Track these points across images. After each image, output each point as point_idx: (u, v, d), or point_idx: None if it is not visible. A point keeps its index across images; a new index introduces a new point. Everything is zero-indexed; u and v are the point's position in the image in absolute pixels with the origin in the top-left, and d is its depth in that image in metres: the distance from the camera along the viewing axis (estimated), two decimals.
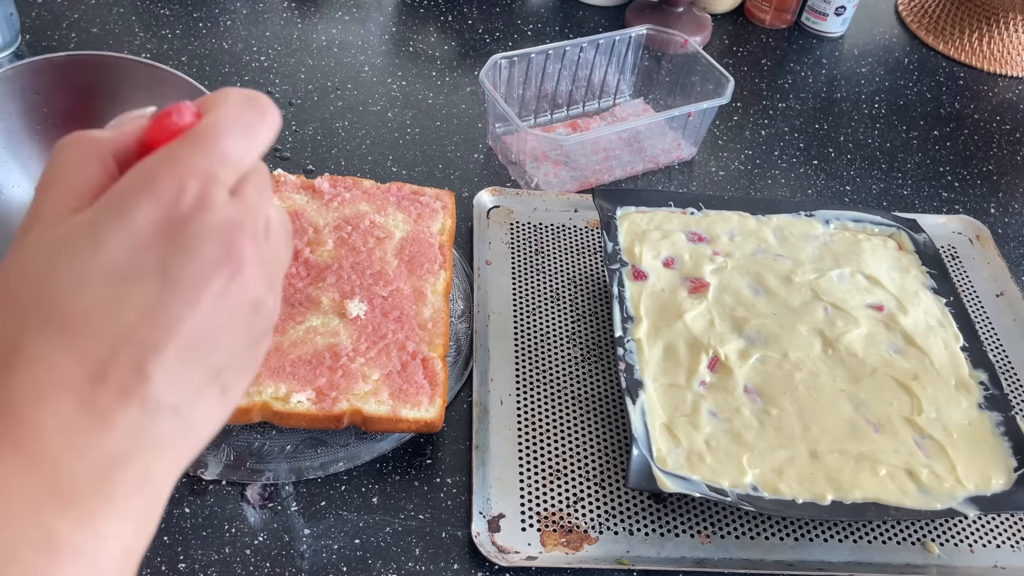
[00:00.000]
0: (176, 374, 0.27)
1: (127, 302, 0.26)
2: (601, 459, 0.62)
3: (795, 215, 0.74)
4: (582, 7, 1.06)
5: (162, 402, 0.27)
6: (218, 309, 0.28)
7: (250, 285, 0.28)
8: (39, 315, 0.26)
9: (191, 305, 0.27)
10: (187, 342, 0.27)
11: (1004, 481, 0.59)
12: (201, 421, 0.28)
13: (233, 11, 0.97)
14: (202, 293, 0.27)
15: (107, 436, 0.26)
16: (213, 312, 0.27)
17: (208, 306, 0.27)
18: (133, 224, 0.27)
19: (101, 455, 0.26)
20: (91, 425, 0.26)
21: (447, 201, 0.72)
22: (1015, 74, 1.07)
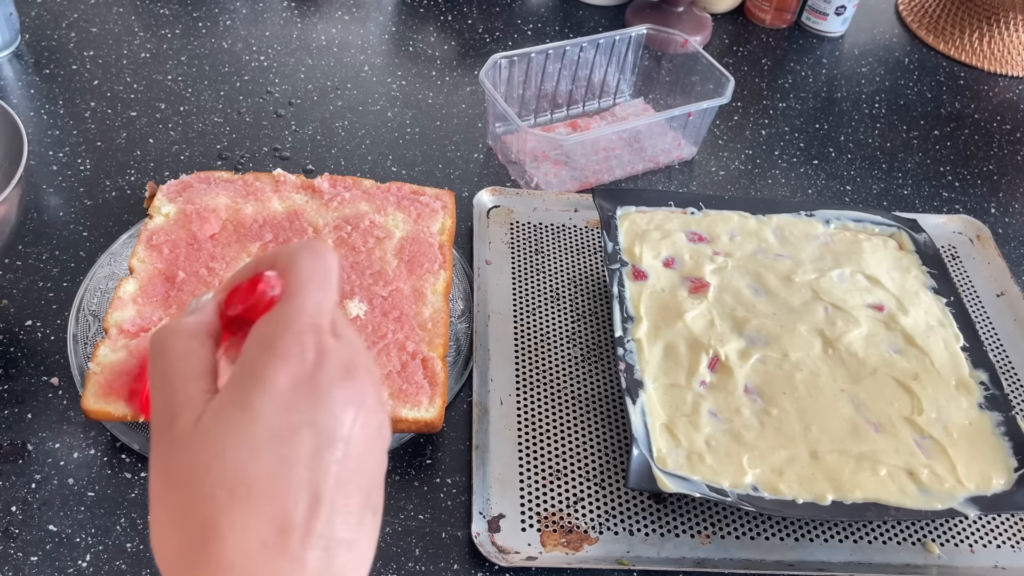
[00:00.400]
0: (343, 508, 0.31)
1: (294, 456, 0.30)
2: (601, 459, 0.62)
3: (795, 215, 0.74)
4: (582, 7, 1.06)
5: (338, 537, 0.31)
6: (359, 441, 0.32)
7: (374, 412, 0.33)
8: (224, 492, 0.30)
9: (341, 445, 0.31)
10: (344, 477, 0.31)
11: (1004, 481, 0.59)
12: (367, 544, 0.32)
13: (233, 11, 0.97)
14: (346, 432, 0.31)
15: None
16: (356, 443, 0.32)
17: (352, 441, 0.32)
18: (274, 388, 0.31)
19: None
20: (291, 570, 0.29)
21: (447, 201, 0.72)
22: (1015, 74, 1.07)
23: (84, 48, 0.89)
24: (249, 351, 0.32)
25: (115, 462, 0.58)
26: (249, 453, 0.30)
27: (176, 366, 0.33)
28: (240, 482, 0.30)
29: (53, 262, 0.69)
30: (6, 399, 0.60)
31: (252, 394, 0.31)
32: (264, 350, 0.32)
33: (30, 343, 0.64)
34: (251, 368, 0.31)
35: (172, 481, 0.31)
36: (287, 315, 0.33)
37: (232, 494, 0.30)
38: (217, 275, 0.63)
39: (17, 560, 0.53)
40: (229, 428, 0.30)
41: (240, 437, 0.30)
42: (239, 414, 0.31)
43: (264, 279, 0.35)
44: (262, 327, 0.33)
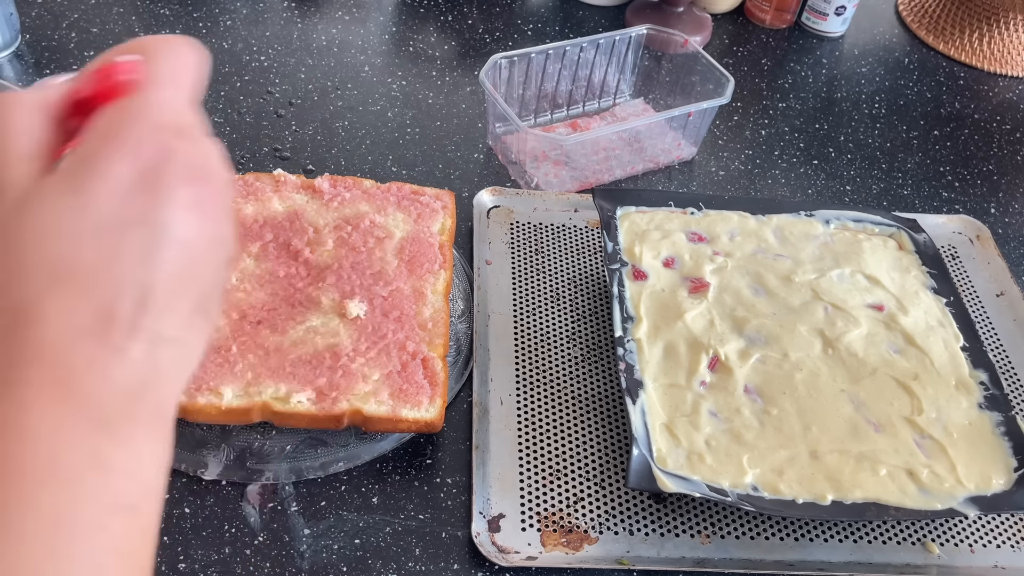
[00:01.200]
0: (172, 307, 0.30)
1: (124, 248, 0.29)
2: (601, 459, 0.62)
3: (795, 215, 0.74)
4: (582, 7, 1.06)
5: (165, 334, 0.30)
6: (197, 244, 0.31)
7: (215, 217, 0.32)
8: (45, 274, 0.28)
9: (176, 244, 0.30)
10: (177, 277, 0.30)
11: (1004, 481, 0.59)
12: (195, 346, 0.32)
13: (233, 11, 0.97)
14: (182, 233, 0.30)
15: (125, 368, 0.29)
16: (193, 247, 0.31)
17: (189, 243, 0.30)
18: (113, 179, 0.29)
19: (125, 385, 0.29)
20: (111, 360, 0.29)
21: (447, 201, 0.72)
22: (1015, 74, 1.07)
23: (84, 48, 0.89)
24: (89, 139, 0.30)
25: None
26: (76, 240, 0.29)
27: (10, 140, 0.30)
28: (63, 267, 0.28)
29: None
30: None
31: (86, 180, 0.29)
32: (106, 138, 0.30)
33: None
34: (89, 154, 0.29)
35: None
36: (137, 106, 0.31)
37: (54, 278, 0.28)
38: None
39: None
40: (57, 211, 0.29)
41: (68, 222, 0.29)
42: (69, 199, 0.29)
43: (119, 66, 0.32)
44: (108, 115, 0.31)
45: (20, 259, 0.29)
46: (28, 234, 0.29)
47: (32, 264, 0.28)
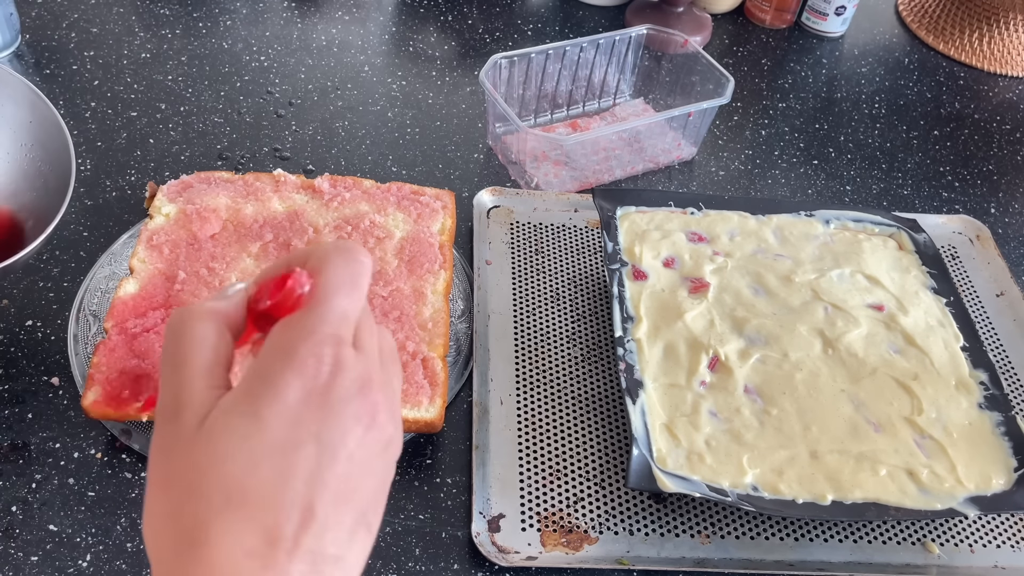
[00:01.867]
0: (335, 524, 0.31)
1: (293, 471, 0.30)
2: (601, 459, 0.62)
3: (795, 215, 0.74)
4: (582, 7, 1.06)
5: (326, 553, 0.31)
6: (361, 459, 0.32)
7: (383, 429, 0.33)
8: (220, 497, 0.30)
9: (341, 461, 0.31)
10: (341, 494, 0.31)
11: (1004, 481, 0.59)
12: (356, 561, 0.32)
13: (233, 11, 0.97)
14: (349, 449, 0.31)
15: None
16: (359, 460, 0.32)
17: (354, 459, 0.31)
18: (285, 400, 0.31)
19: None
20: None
21: (447, 201, 0.72)
22: (1015, 74, 1.07)
23: (84, 48, 0.89)
24: (266, 355, 0.32)
25: (115, 462, 0.58)
26: (251, 463, 0.30)
27: (190, 354, 0.33)
28: (236, 490, 0.30)
29: (53, 262, 0.69)
30: (6, 399, 0.61)
31: (262, 403, 0.31)
32: (280, 358, 0.32)
33: (30, 343, 0.64)
34: (265, 375, 0.31)
35: (170, 477, 0.31)
36: (309, 322, 0.32)
37: (227, 501, 0.30)
38: (217, 275, 0.63)
39: (17, 560, 0.53)
40: (234, 435, 0.30)
41: (244, 446, 0.30)
42: (247, 423, 0.31)
43: (294, 276, 0.34)
44: (282, 332, 0.32)
45: (198, 480, 0.30)
46: (208, 456, 0.30)
47: (209, 486, 0.30)
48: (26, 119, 0.59)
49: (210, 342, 0.33)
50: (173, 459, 0.31)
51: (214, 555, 0.29)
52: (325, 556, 0.31)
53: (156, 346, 0.58)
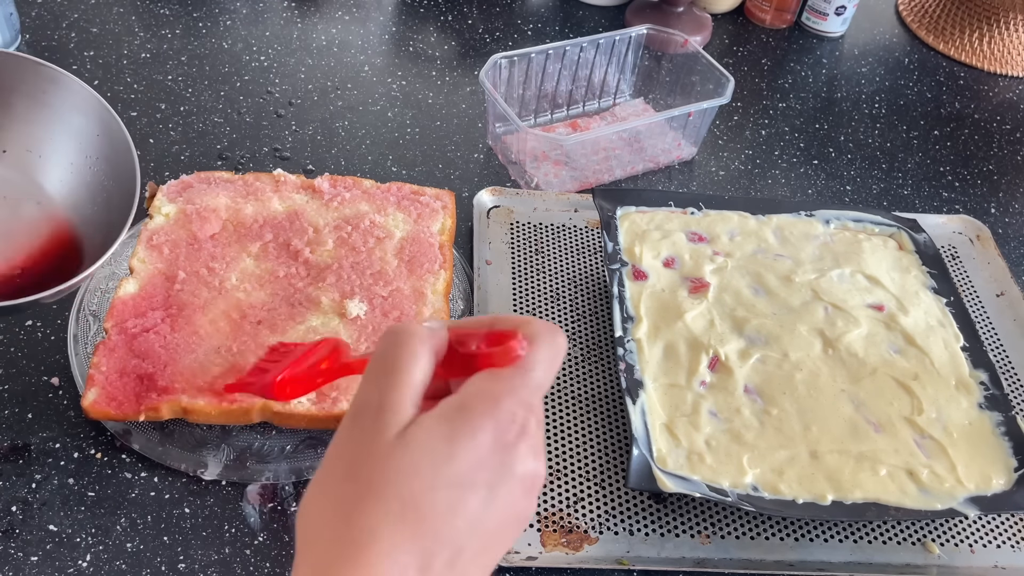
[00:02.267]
0: (473, 567, 0.33)
1: (462, 508, 0.32)
2: (601, 459, 0.62)
3: (795, 215, 0.74)
4: (582, 7, 1.06)
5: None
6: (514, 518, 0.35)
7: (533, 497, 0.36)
8: (397, 507, 0.32)
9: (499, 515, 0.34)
10: (488, 543, 0.34)
11: (1004, 481, 0.59)
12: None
13: (233, 11, 0.97)
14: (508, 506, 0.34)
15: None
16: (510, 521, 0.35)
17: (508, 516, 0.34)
18: (479, 442, 0.33)
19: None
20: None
21: (447, 201, 0.72)
22: (1015, 74, 1.07)
23: (84, 48, 0.89)
24: (471, 396, 0.34)
25: (115, 462, 0.58)
26: (431, 486, 0.32)
27: (406, 366, 0.35)
28: (412, 508, 0.32)
29: None
30: (6, 399, 0.61)
31: (459, 436, 0.33)
32: (485, 402, 0.34)
33: (30, 343, 0.64)
34: (469, 413, 0.34)
35: (355, 473, 0.33)
36: (518, 383, 0.35)
37: (402, 513, 0.32)
38: (217, 275, 0.63)
39: (17, 560, 0.53)
40: (428, 455, 0.32)
41: (433, 470, 0.32)
42: (442, 446, 0.33)
43: (519, 338, 0.37)
44: (491, 381, 0.35)
45: (385, 485, 0.32)
46: (401, 465, 0.32)
47: (390, 494, 0.32)
48: (93, 132, 0.57)
49: (424, 362, 0.35)
50: (362, 460, 0.33)
51: (373, 559, 0.31)
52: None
53: (156, 346, 0.58)
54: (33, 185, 0.56)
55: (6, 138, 0.56)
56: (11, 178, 0.56)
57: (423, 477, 0.32)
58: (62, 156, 0.57)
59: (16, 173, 0.56)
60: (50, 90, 0.56)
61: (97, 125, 0.57)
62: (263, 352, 0.59)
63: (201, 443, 0.58)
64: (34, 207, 0.56)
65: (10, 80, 0.55)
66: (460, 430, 0.33)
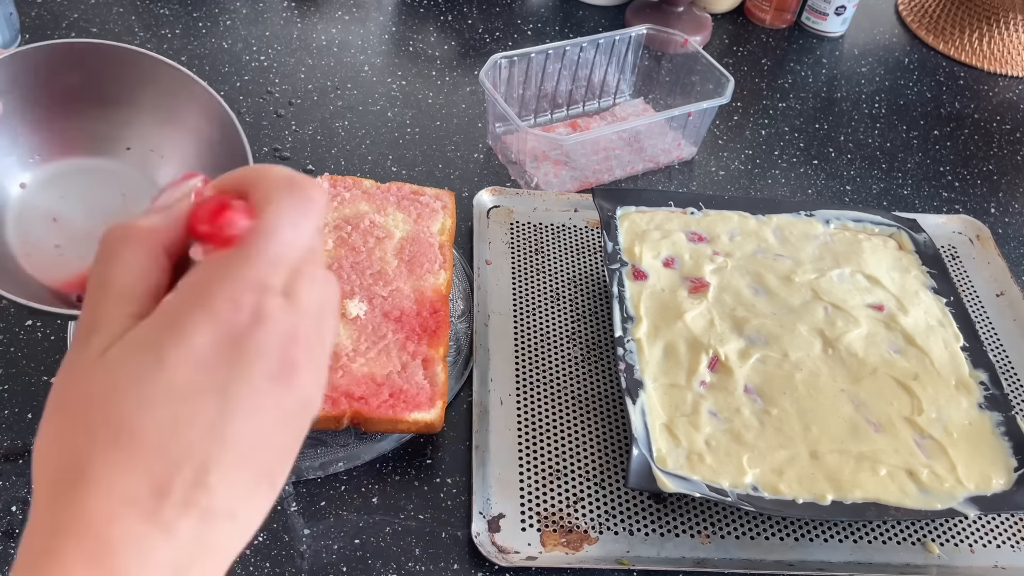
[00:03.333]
0: (233, 481, 0.28)
1: (189, 421, 0.27)
2: (601, 459, 0.62)
3: (795, 215, 0.74)
4: (582, 7, 1.06)
5: (220, 509, 0.28)
6: (273, 417, 0.29)
7: (301, 389, 0.30)
8: (107, 433, 0.27)
9: (247, 418, 0.28)
10: (244, 451, 0.28)
11: (1004, 481, 0.59)
12: (253, 518, 0.30)
13: (233, 11, 0.97)
14: (258, 406, 0.28)
15: (170, 546, 0.27)
16: (268, 421, 0.29)
17: (263, 416, 0.29)
18: (192, 344, 0.28)
19: (166, 563, 0.27)
20: (156, 538, 0.27)
21: (447, 201, 0.72)
22: (1015, 74, 1.07)
23: None
24: (179, 292, 0.29)
25: None
26: (143, 403, 0.27)
27: (115, 278, 0.30)
28: (125, 429, 0.27)
29: None
30: (6, 399, 0.61)
31: (166, 343, 0.28)
32: (192, 298, 0.28)
33: (30, 343, 0.64)
34: (174, 313, 0.28)
35: (64, 402, 0.29)
36: (234, 264, 0.29)
37: (114, 440, 0.27)
38: None
39: None
40: (132, 369, 0.28)
41: (139, 383, 0.27)
42: (146, 358, 0.28)
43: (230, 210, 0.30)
44: (201, 270, 0.29)
45: (87, 410, 0.28)
46: (101, 387, 0.28)
47: (96, 419, 0.27)
48: (215, 138, 0.55)
49: (137, 267, 0.30)
50: (71, 384, 0.29)
51: (90, 501, 0.27)
52: (217, 512, 0.28)
53: None
54: (152, 185, 0.55)
55: (131, 135, 0.55)
56: (131, 176, 0.55)
57: (129, 395, 0.27)
58: (182, 159, 0.56)
59: (137, 171, 0.55)
60: (180, 93, 0.54)
61: (219, 131, 0.55)
62: None
63: None
64: None
65: (141, 78, 0.54)
66: (166, 334, 0.28)
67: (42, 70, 0.51)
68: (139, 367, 0.28)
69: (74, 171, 0.53)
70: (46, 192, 0.52)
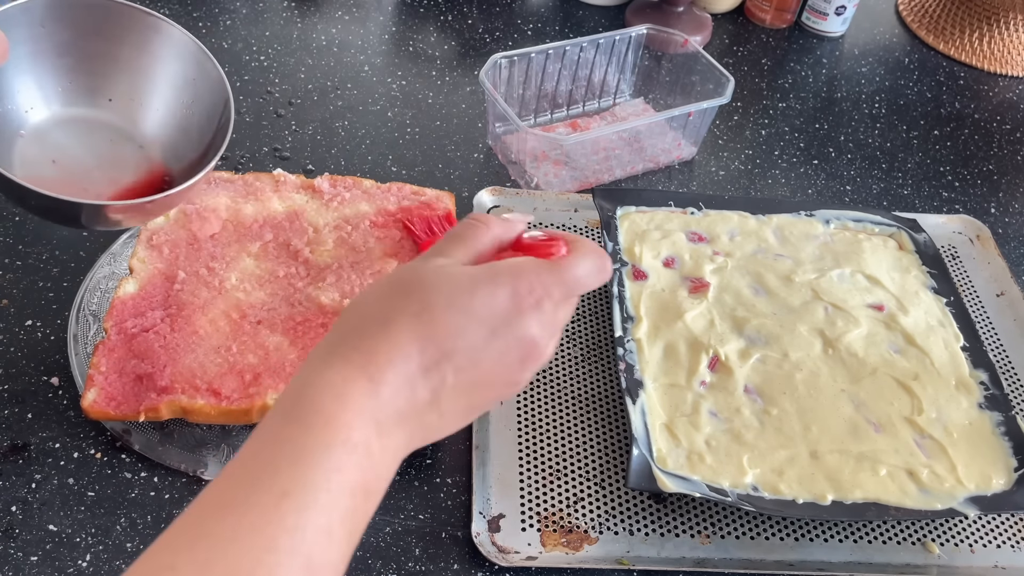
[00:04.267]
0: (462, 392, 0.39)
1: (466, 334, 0.39)
2: (601, 459, 0.62)
3: (795, 215, 0.74)
4: (582, 7, 1.06)
5: (442, 407, 0.39)
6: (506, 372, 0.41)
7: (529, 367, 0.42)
8: (416, 307, 0.39)
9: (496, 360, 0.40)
10: (478, 379, 0.40)
11: (1004, 481, 0.59)
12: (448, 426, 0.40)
13: (233, 11, 0.97)
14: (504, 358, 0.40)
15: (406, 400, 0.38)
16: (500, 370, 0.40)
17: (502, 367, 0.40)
18: (495, 294, 0.40)
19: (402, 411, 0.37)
20: (406, 389, 0.38)
21: (447, 201, 0.72)
22: (1015, 74, 1.07)
23: None
24: (507, 263, 0.41)
25: (115, 462, 0.58)
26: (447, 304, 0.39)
27: (468, 240, 0.43)
28: (427, 311, 0.38)
29: (53, 262, 0.69)
30: (6, 399, 0.60)
31: (481, 284, 0.40)
32: (510, 270, 0.40)
33: (30, 343, 0.64)
34: (495, 273, 0.40)
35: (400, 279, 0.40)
36: (546, 268, 0.41)
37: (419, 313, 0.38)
38: (217, 275, 0.63)
39: (17, 560, 0.53)
40: (453, 286, 0.39)
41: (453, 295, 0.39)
42: (466, 286, 0.39)
43: (559, 244, 0.45)
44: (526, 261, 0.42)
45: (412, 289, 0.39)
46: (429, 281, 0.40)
47: (415, 297, 0.39)
48: (191, 76, 0.61)
49: (483, 239, 0.44)
50: (411, 272, 0.40)
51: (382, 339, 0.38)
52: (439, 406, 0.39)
53: (156, 346, 0.58)
54: (136, 130, 0.62)
55: (112, 87, 0.61)
56: (116, 124, 0.61)
57: (444, 295, 0.39)
58: (162, 102, 0.62)
59: (121, 119, 0.61)
60: (154, 39, 0.61)
61: (194, 69, 0.61)
62: (263, 352, 0.59)
63: (201, 443, 0.58)
64: (136, 150, 0.61)
65: (118, 30, 0.60)
66: (483, 280, 0.40)
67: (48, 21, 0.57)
68: (458, 287, 0.39)
69: (65, 121, 0.60)
70: (43, 139, 0.59)
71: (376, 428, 0.36)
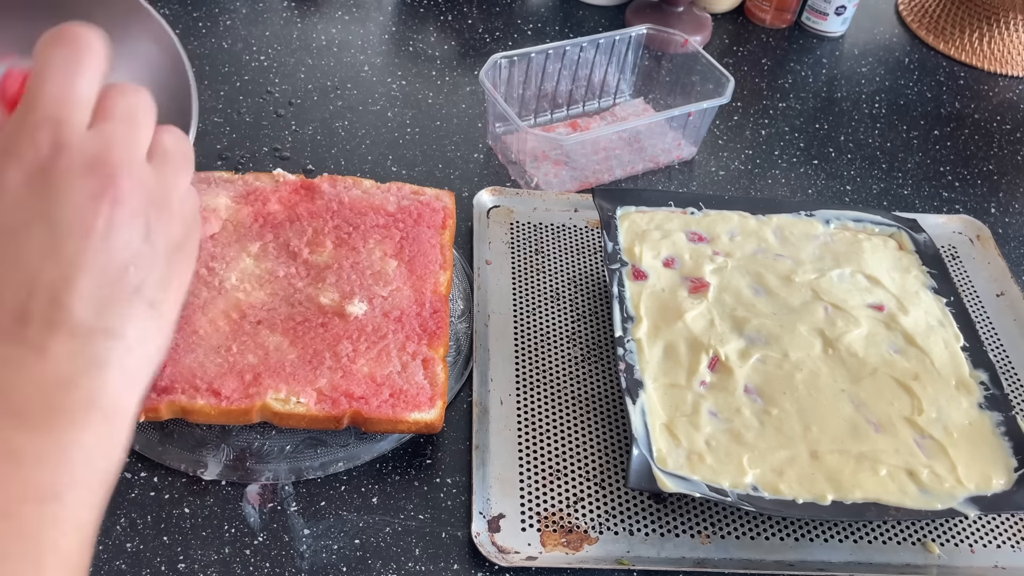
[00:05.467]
0: (94, 299, 0.31)
1: (24, 251, 0.30)
2: (601, 459, 0.62)
3: (795, 215, 0.74)
4: (582, 7, 1.06)
5: (90, 326, 0.30)
6: (111, 233, 0.31)
7: (133, 202, 0.32)
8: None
9: (84, 236, 0.30)
10: (92, 269, 0.31)
11: (1004, 481, 0.59)
12: (139, 336, 0.32)
13: (233, 11, 0.97)
14: (89, 224, 0.31)
15: (46, 362, 0.30)
16: (107, 237, 0.31)
17: (99, 232, 0.31)
18: (6, 188, 0.30)
19: (46, 378, 0.30)
20: (29, 357, 0.30)
21: (447, 201, 0.72)
22: (1015, 74, 1.07)
23: None
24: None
25: None
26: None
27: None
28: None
29: None
30: None
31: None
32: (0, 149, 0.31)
33: None
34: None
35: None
36: (20, 114, 0.32)
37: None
38: (217, 275, 0.63)
39: None
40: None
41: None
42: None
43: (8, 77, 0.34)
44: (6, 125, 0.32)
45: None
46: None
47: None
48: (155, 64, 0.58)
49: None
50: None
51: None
52: (90, 329, 0.30)
53: None
54: None
55: None
56: None
57: None
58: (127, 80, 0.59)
59: None
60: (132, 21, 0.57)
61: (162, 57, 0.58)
62: (263, 352, 0.59)
63: (201, 443, 0.58)
64: None
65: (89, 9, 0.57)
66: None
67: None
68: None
69: None
70: None
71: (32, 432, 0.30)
